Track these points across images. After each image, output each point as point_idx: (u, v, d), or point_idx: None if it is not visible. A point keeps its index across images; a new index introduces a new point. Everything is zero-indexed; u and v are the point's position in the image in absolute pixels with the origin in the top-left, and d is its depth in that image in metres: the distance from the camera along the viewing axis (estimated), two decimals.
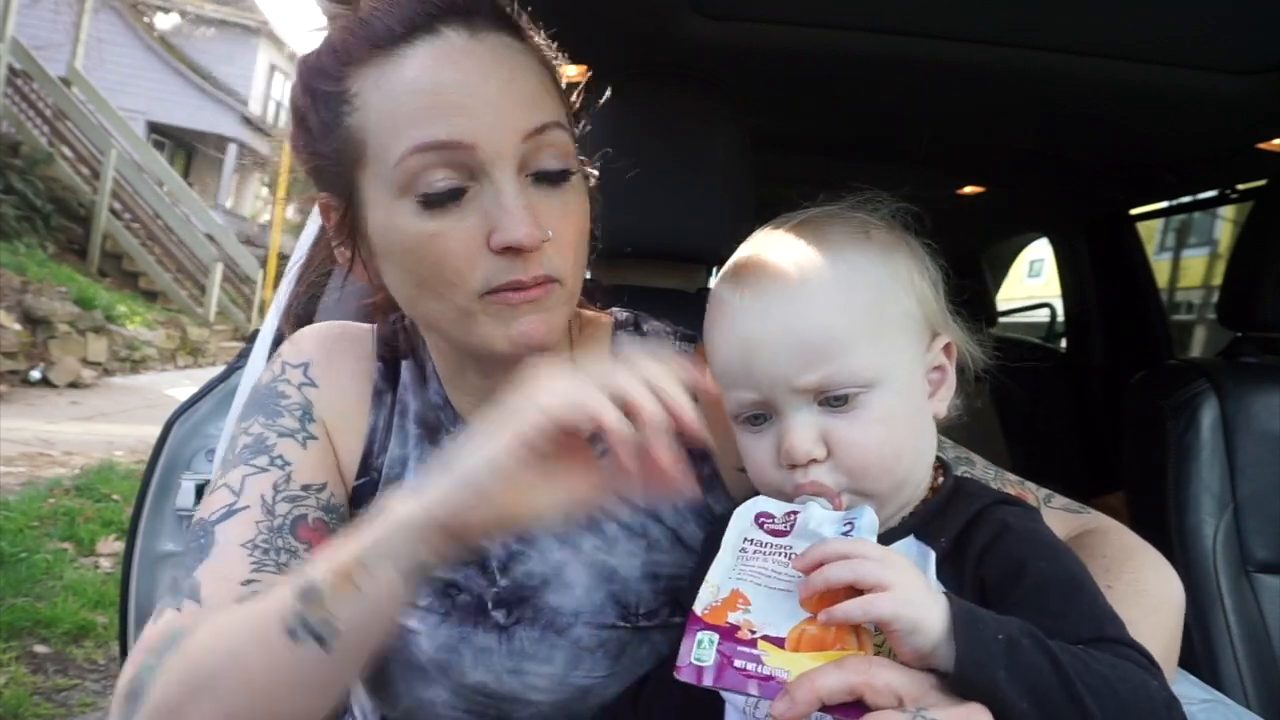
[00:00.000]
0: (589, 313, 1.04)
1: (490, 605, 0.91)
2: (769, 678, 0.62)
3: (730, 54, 1.61)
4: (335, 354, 0.96)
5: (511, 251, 0.79)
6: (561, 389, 0.67)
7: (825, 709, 0.60)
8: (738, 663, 0.63)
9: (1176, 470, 1.63)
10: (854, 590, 0.63)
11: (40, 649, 3.28)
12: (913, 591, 0.63)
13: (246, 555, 0.80)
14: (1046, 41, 1.48)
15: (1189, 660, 1.54)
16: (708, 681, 0.64)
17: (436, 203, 0.78)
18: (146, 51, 17.63)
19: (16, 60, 11.75)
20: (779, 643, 0.63)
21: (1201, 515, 1.60)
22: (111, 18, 16.36)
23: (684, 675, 0.65)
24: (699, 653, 0.65)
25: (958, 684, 0.61)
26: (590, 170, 0.95)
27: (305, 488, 0.86)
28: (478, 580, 0.92)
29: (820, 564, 0.64)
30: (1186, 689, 1.01)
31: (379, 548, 0.68)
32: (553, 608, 0.92)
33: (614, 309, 1.06)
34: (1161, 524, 1.64)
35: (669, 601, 0.93)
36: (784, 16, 1.52)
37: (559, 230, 0.82)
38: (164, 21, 18.95)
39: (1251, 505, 1.60)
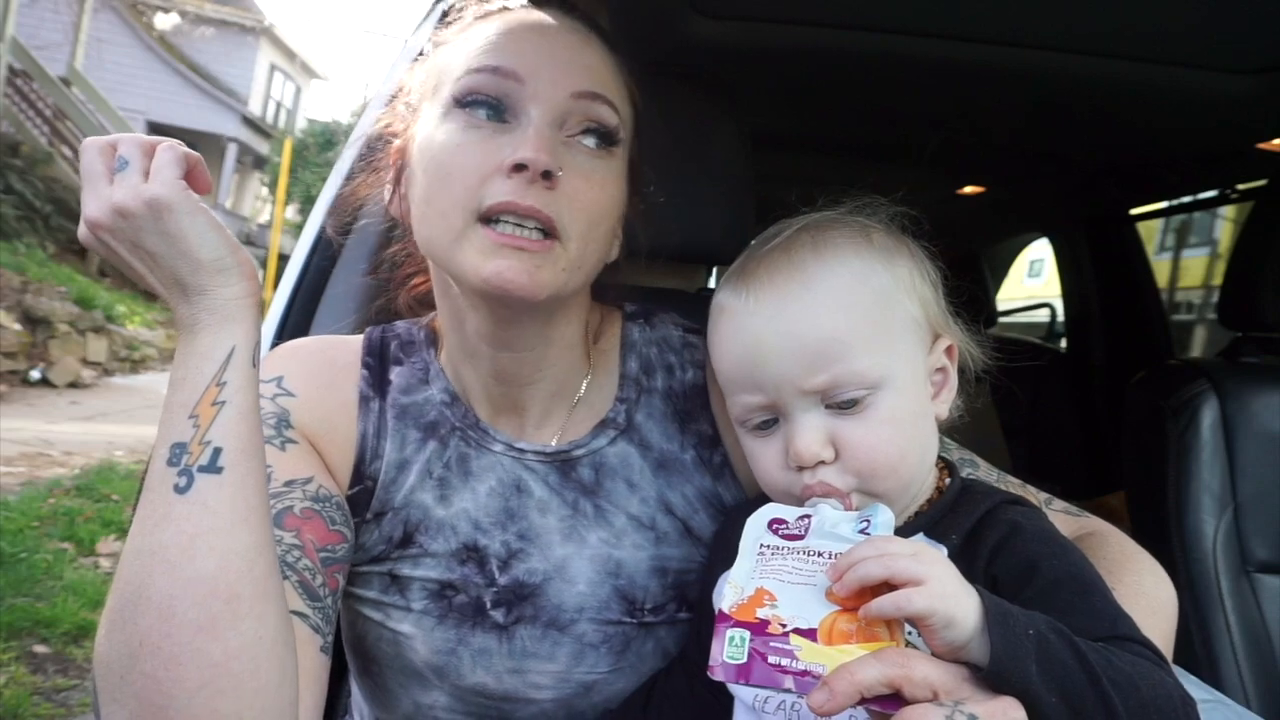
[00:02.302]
0: (604, 307, 1.05)
1: (489, 605, 0.90)
2: (804, 673, 0.62)
3: (730, 54, 1.61)
4: (311, 364, 0.95)
5: (518, 173, 0.80)
6: None
7: (861, 701, 0.61)
8: (771, 659, 0.63)
9: (1176, 470, 1.63)
10: (886, 586, 0.63)
11: (40, 649, 3.28)
12: (947, 585, 0.63)
13: None
14: (1047, 41, 1.48)
15: (1189, 660, 1.54)
16: (742, 679, 0.64)
17: (473, 108, 0.84)
18: (146, 51, 17.64)
19: (16, 60, 11.76)
20: (810, 635, 0.63)
21: (1201, 515, 1.60)
22: (111, 18, 16.37)
23: (718, 674, 0.65)
24: (731, 650, 0.64)
25: (992, 678, 0.62)
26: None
27: (289, 483, 0.85)
28: (475, 580, 0.91)
29: (852, 566, 0.64)
30: (1186, 689, 1.01)
31: (217, 354, 0.69)
32: (555, 605, 0.91)
33: (624, 302, 1.07)
34: (1161, 524, 1.64)
35: (676, 596, 0.93)
36: (784, 16, 1.52)
37: (576, 189, 0.83)
38: (164, 21, 18.96)
39: (1251, 505, 1.60)
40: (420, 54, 0.95)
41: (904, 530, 0.78)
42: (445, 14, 0.97)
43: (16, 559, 3.86)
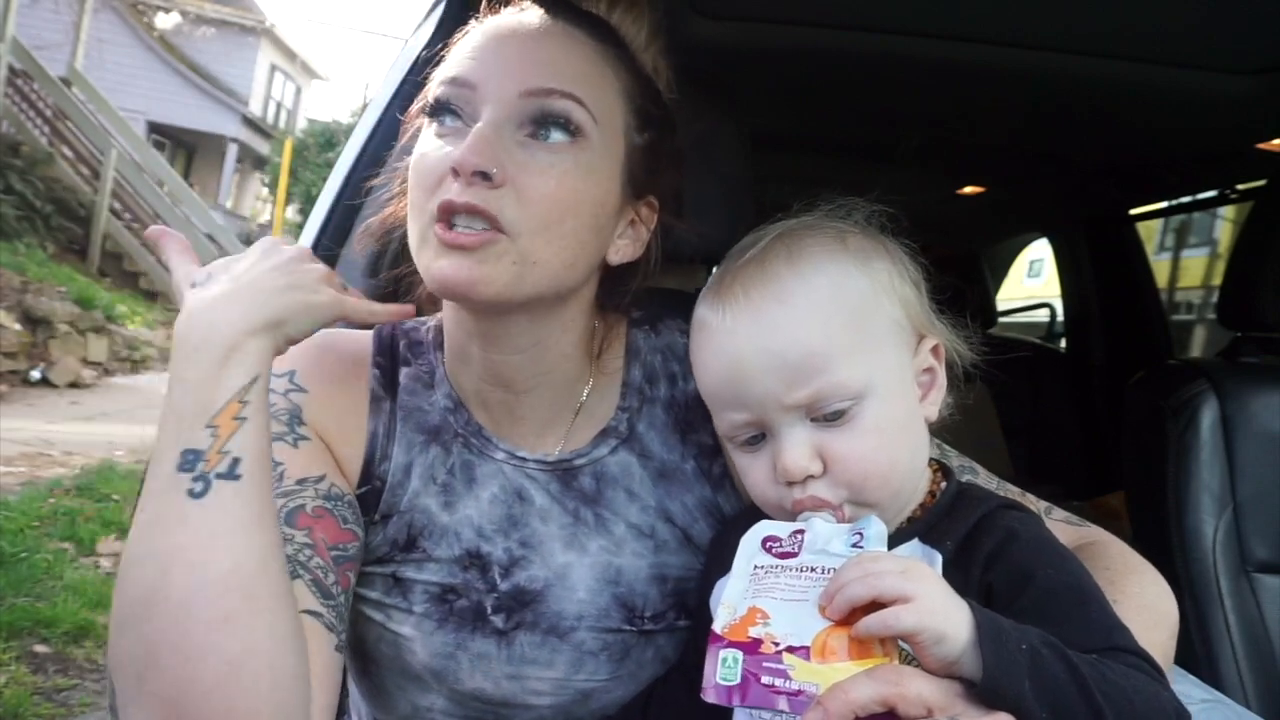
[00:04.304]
0: (609, 313, 1.02)
1: (489, 610, 0.90)
2: (798, 692, 0.62)
3: (730, 54, 1.61)
4: (323, 360, 0.94)
5: (457, 177, 0.80)
6: None
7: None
8: (765, 679, 0.63)
9: (1176, 470, 1.63)
10: (877, 603, 0.62)
11: (40, 649, 3.28)
12: (936, 601, 0.63)
13: None
14: (1047, 41, 1.49)
15: (1189, 660, 1.55)
16: (736, 701, 0.63)
17: (434, 118, 0.86)
18: (146, 51, 17.64)
19: (16, 60, 11.75)
20: (803, 652, 0.63)
21: (1201, 515, 1.60)
22: (111, 18, 16.37)
23: (711, 696, 0.64)
24: (724, 672, 0.64)
25: (985, 694, 0.61)
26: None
27: (300, 481, 0.85)
28: (477, 585, 0.90)
29: (840, 588, 0.64)
30: (1186, 689, 1.01)
31: (239, 371, 0.72)
32: (555, 612, 0.91)
33: (630, 307, 1.04)
34: (1161, 524, 1.64)
35: (676, 604, 0.93)
36: (784, 17, 1.53)
37: (527, 184, 0.81)
38: (164, 21, 18.96)
39: (1251, 505, 1.60)
40: (439, 61, 0.95)
41: (898, 536, 0.77)
42: (468, 16, 0.97)
43: (17, 559, 3.86)
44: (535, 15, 0.89)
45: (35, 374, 8.18)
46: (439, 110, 0.85)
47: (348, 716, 1.09)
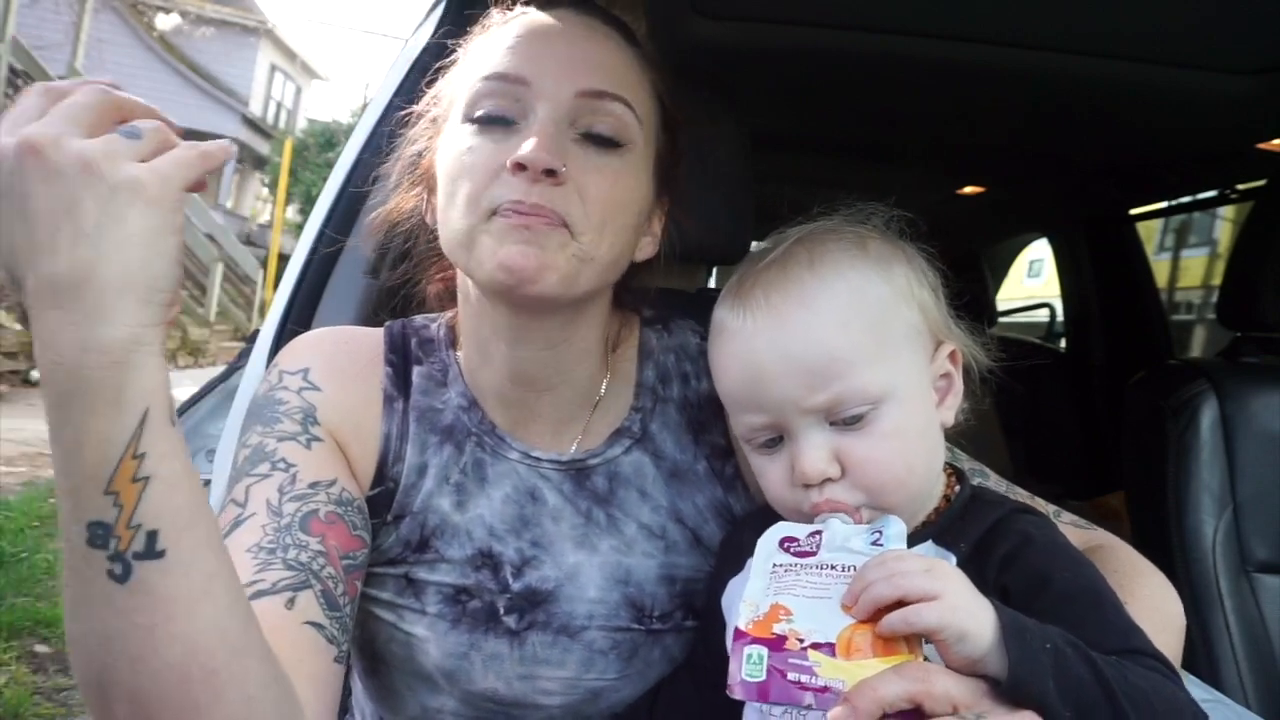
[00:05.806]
0: (623, 313, 1.03)
1: (502, 611, 0.90)
2: (824, 688, 0.62)
3: (730, 54, 1.61)
4: (337, 358, 0.94)
5: (521, 171, 0.80)
6: None
7: (882, 717, 0.60)
8: (790, 675, 0.63)
9: (1176, 470, 1.63)
10: (901, 601, 0.63)
11: (41, 648, 3.28)
12: (960, 599, 0.63)
13: (250, 559, 0.77)
14: (1047, 41, 1.49)
15: (1189, 660, 1.55)
16: (763, 698, 0.63)
17: (483, 122, 0.85)
18: (147, 52, 17.66)
19: (16, 60, 11.75)
20: (828, 649, 0.63)
21: (1201, 515, 1.60)
22: (111, 18, 16.39)
23: (737, 693, 0.64)
24: (749, 668, 0.64)
25: (1009, 692, 0.61)
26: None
27: (313, 485, 0.84)
28: (489, 586, 0.90)
29: (865, 588, 0.64)
30: (1188, 691, 1.01)
31: (125, 418, 0.54)
32: (566, 612, 0.91)
33: (642, 307, 1.05)
34: (1161, 524, 1.64)
35: (683, 604, 0.93)
36: (784, 17, 1.53)
37: (587, 183, 0.83)
38: (164, 21, 18.97)
39: (1251, 505, 1.60)
40: (450, 53, 0.96)
41: (913, 539, 0.77)
42: (468, 16, 0.97)
43: (17, 559, 3.86)
44: (571, 14, 0.90)
45: (35, 374, 8.18)
46: (485, 107, 0.85)
47: (350, 716, 1.09)
